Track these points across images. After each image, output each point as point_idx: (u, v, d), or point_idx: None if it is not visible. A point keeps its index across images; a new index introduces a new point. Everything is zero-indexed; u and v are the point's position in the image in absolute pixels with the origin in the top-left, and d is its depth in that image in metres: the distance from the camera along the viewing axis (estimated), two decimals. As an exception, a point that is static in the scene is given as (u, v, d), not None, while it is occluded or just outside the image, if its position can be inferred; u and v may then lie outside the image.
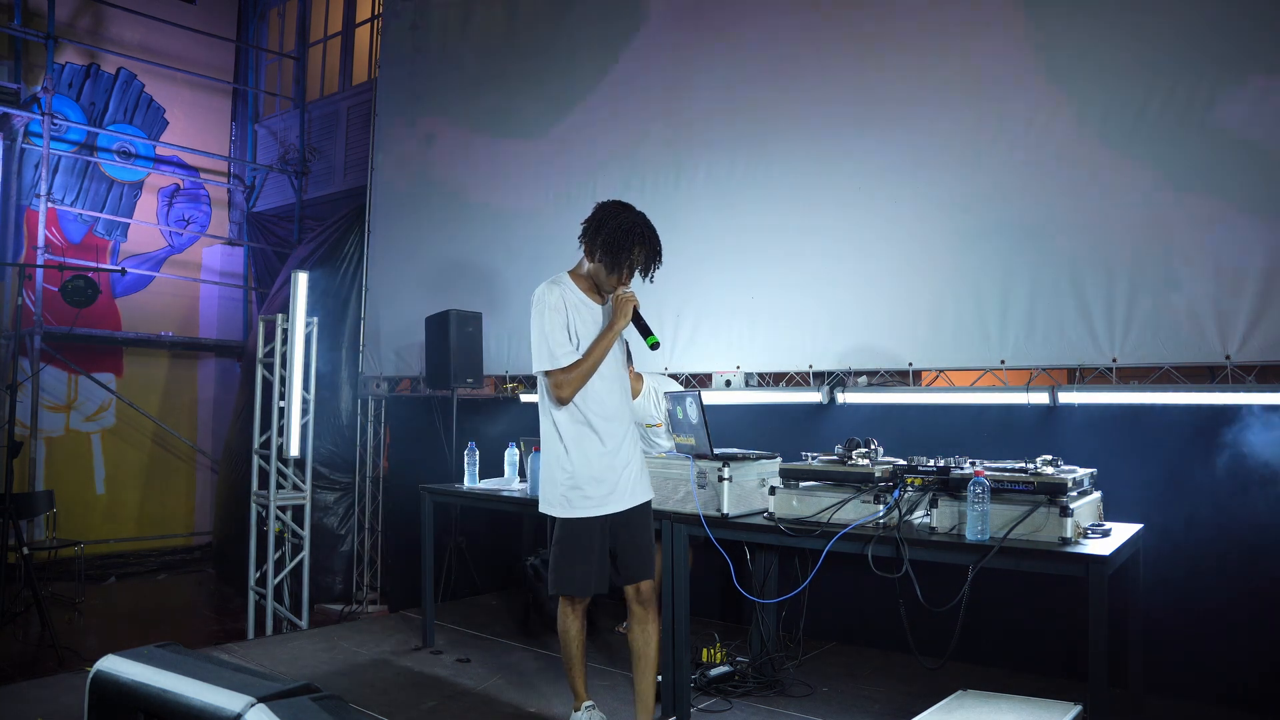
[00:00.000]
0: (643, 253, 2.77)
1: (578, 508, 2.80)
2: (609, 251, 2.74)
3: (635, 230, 2.75)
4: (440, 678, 3.82)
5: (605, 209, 2.82)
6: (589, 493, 2.80)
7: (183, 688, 1.38)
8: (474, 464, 4.30)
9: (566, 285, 2.85)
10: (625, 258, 2.75)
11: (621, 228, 2.74)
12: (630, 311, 2.81)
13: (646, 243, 2.77)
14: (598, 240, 2.76)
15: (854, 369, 4.20)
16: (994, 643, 3.71)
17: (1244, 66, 3.28)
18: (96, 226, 8.63)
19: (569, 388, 2.75)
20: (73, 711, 3.27)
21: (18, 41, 7.94)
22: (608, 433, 2.83)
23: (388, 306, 6.67)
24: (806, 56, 4.46)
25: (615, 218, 2.76)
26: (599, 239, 2.76)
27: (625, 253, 2.74)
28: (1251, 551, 3.24)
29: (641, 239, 2.76)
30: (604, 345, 2.79)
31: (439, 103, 6.43)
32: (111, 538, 8.27)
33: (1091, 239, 3.57)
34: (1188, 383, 3.39)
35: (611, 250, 2.74)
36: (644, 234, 2.77)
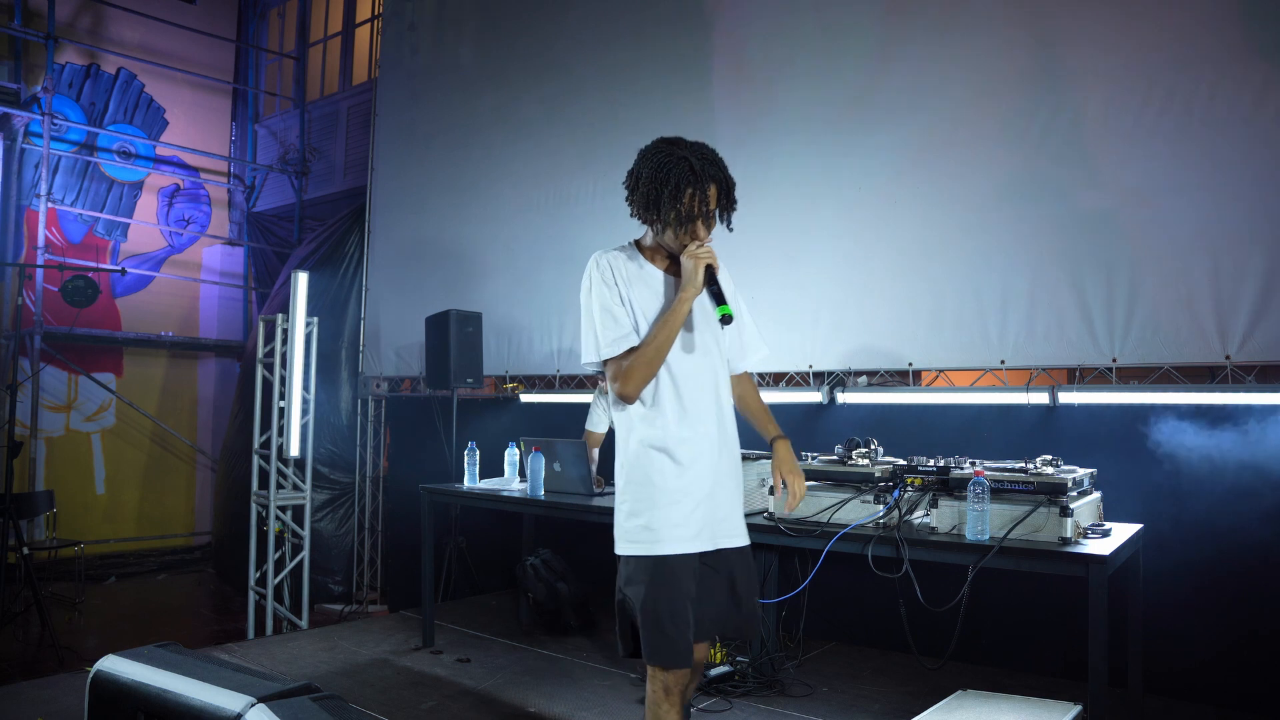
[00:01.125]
0: (698, 195, 2.06)
1: (664, 540, 2.08)
2: (651, 206, 2.08)
3: (678, 167, 2.05)
4: (440, 678, 3.81)
5: (642, 154, 2.15)
6: (677, 520, 2.08)
7: (183, 688, 1.38)
8: (474, 464, 4.30)
9: (626, 253, 2.20)
10: (671, 212, 2.06)
11: (660, 170, 2.05)
12: (701, 274, 2.08)
13: (701, 180, 2.05)
14: (638, 194, 2.11)
15: (854, 369, 4.20)
16: (994, 643, 3.71)
17: (1245, 63, 3.28)
18: (96, 226, 8.63)
19: (630, 381, 2.09)
20: (73, 711, 3.27)
21: (18, 41, 7.94)
22: (684, 444, 2.11)
23: (388, 306, 6.67)
24: (806, 57, 4.46)
25: (651, 161, 2.09)
26: (639, 195, 2.11)
27: (674, 201, 2.05)
28: (1251, 551, 3.24)
29: (691, 177, 2.04)
30: (670, 323, 2.08)
31: (439, 103, 6.43)
32: (111, 538, 8.27)
33: (1091, 239, 3.57)
34: (1188, 383, 3.40)
35: (655, 203, 2.07)
36: (694, 168, 2.05)
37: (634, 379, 2.09)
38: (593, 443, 4.43)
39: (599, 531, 4.76)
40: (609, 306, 2.14)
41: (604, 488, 3.94)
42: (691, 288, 2.09)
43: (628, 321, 2.13)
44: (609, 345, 2.13)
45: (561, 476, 3.92)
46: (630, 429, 2.15)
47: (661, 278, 2.20)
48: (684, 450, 2.11)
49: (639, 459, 2.12)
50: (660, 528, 2.08)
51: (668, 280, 2.19)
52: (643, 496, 2.11)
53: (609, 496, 3.68)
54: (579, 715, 3.35)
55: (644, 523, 2.09)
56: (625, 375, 2.09)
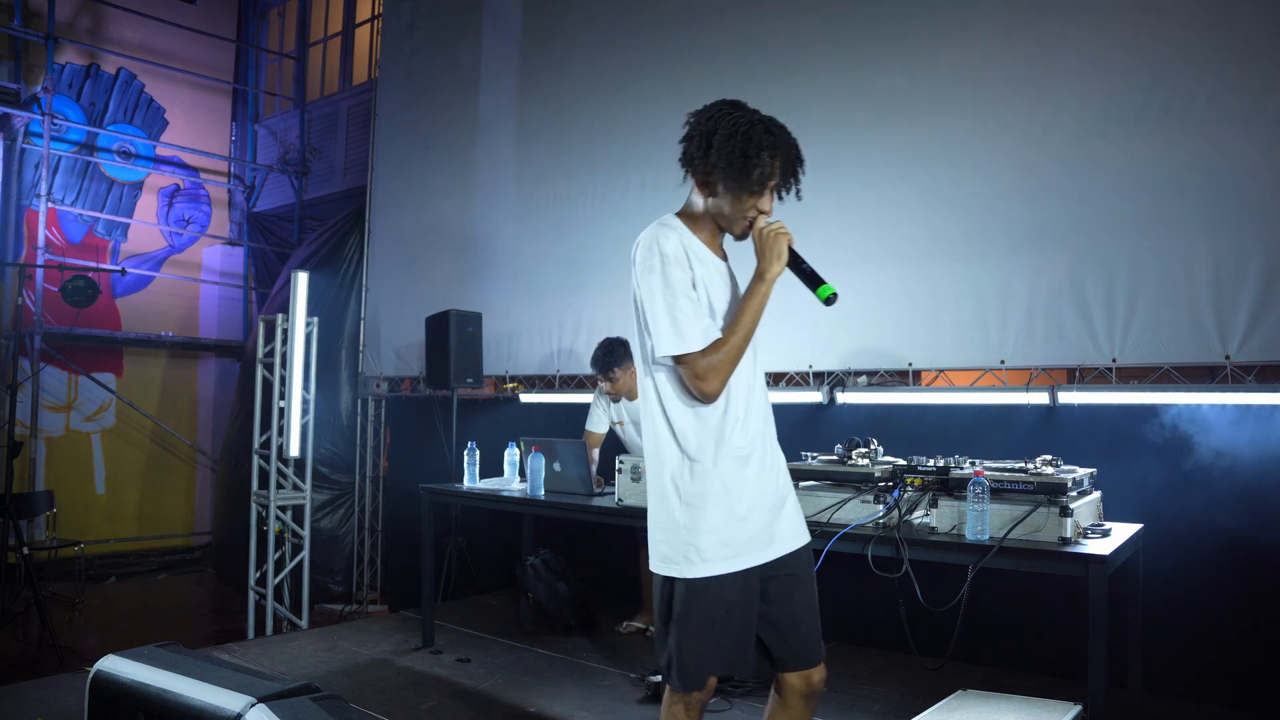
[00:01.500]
0: (778, 159, 1.88)
1: (710, 560, 1.86)
2: (734, 164, 1.84)
3: (755, 128, 1.86)
4: (440, 678, 3.81)
5: (709, 113, 1.94)
6: (727, 537, 1.87)
7: (183, 688, 1.38)
8: (474, 464, 4.30)
9: (681, 228, 1.94)
10: (756, 168, 1.85)
11: (741, 127, 1.86)
12: (785, 250, 1.91)
13: (781, 144, 1.88)
14: (712, 154, 1.86)
15: (854, 369, 4.20)
16: (994, 643, 3.71)
17: (1244, 64, 3.28)
18: (96, 226, 8.63)
19: (715, 377, 1.83)
20: (73, 711, 3.27)
21: (18, 41, 7.94)
22: (750, 445, 1.92)
23: (388, 307, 6.67)
24: (806, 57, 4.46)
25: (729, 117, 1.89)
26: (714, 152, 1.86)
27: (755, 161, 1.84)
28: (1251, 551, 3.24)
29: (769, 140, 1.86)
30: (757, 310, 1.89)
31: (439, 103, 6.43)
32: (111, 538, 8.27)
33: (1091, 239, 3.57)
34: (1188, 382, 3.40)
35: (737, 161, 1.84)
36: (773, 132, 1.88)
37: (720, 376, 1.83)
38: (593, 443, 4.43)
39: (599, 531, 4.78)
40: (688, 292, 1.85)
41: (604, 488, 3.94)
42: (777, 265, 1.89)
43: (706, 309, 1.88)
44: (695, 336, 1.83)
45: (561, 476, 3.92)
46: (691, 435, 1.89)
47: (718, 261, 1.97)
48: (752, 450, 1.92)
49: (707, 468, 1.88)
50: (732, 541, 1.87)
51: (720, 265, 1.98)
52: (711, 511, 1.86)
53: (609, 496, 3.68)
54: (579, 715, 3.35)
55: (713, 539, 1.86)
56: (712, 371, 1.82)
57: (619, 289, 5.13)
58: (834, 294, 1.91)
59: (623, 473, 3.49)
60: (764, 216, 1.93)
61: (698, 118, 1.94)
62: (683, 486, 1.88)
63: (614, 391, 4.35)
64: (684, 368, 1.84)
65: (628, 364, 4.32)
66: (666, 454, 1.91)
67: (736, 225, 1.94)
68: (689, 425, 1.88)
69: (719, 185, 1.89)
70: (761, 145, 1.84)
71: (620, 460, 3.52)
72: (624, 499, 3.48)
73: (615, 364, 4.26)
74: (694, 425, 1.88)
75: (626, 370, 4.31)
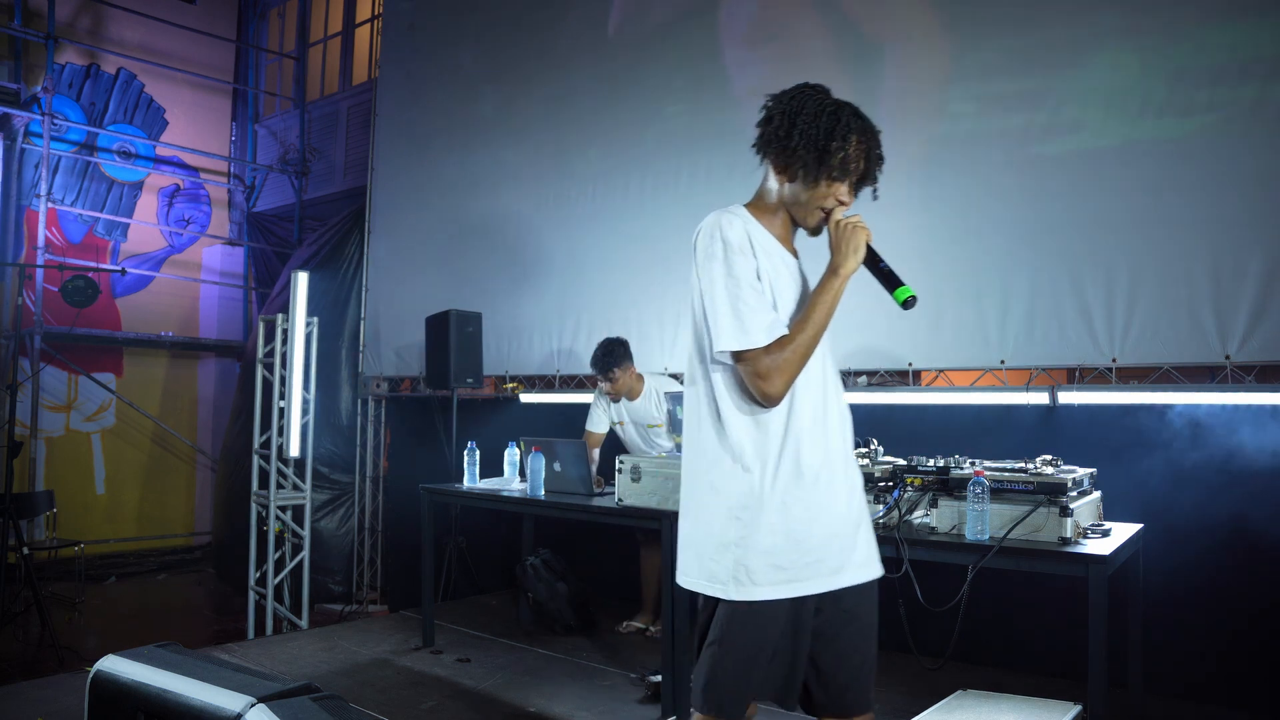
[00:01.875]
0: (864, 147, 1.74)
1: (761, 583, 1.67)
2: (818, 145, 1.70)
3: (842, 111, 1.73)
4: (440, 678, 3.82)
5: (792, 94, 1.78)
6: (781, 560, 1.68)
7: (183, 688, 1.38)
8: (474, 464, 4.30)
9: (747, 217, 1.79)
10: (839, 155, 1.71)
11: (828, 108, 1.73)
12: (863, 245, 1.77)
13: (869, 133, 1.75)
14: (794, 136, 1.72)
15: (854, 369, 4.20)
16: (994, 643, 3.71)
17: (1244, 64, 3.28)
18: (96, 226, 8.63)
19: (779, 377, 1.66)
20: (73, 712, 3.27)
21: (18, 41, 7.94)
22: (815, 456, 1.72)
23: (388, 306, 6.67)
24: (806, 57, 4.47)
25: (815, 98, 1.75)
26: (796, 133, 1.72)
27: (841, 145, 1.71)
28: (1251, 551, 3.24)
29: (861, 126, 1.73)
30: (829, 306, 1.72)
31: (439, 103, 6.43)
32: (111, 538, 8.27)
33: (1091, 239, 3.57)
34: (1187, 382, 3.40)
35: (822, 142, 1.70)
36: (861, 118, 1.75)
37: (787, 374, 1.66)
38: (593, 443, 4.44)
39: (599, 531, 4.78)
40: (753, 283, 1.69)
41: (604, 488, 3.94)
42: (852, 260, 1.74)
43: (771, 303, 1.71)
44: (759, 331, 1.66)
45: (561, 476, 3.92)
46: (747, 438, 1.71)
47: (787, 255, 1.81)
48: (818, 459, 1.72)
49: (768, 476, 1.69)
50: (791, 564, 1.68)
51: (790, 259, 1.82)
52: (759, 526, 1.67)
53: (609, 496, 3.68)
54: (579, 715, 3.35)
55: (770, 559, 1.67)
56: (776, 371, 1.65)
57: (619, 289, 5.16)
58: (913, 296, 1.74)
59: (623, 473, 3.49)
60: (842, 208, 1.78)
61: (778, 100, 1.79)
62: (733, 499, 1.69)
63: (614, 392, 4.36)
64: (745, 365, 1.67)
65: (627, 364, 4.32)
66: (714, 461, 1.72)
67: (812, 216, 1.78)
68: (747, 433, 1.70)
69: (798, 169, 1.74)
70: (849, 128, 1.71)
71: (620, 460, 3.52)
72: (624, 499, 3.48)
73: (615, 364, 4.26)
74: (753, 433, 1.70)
75: (626, 370, 4.31)
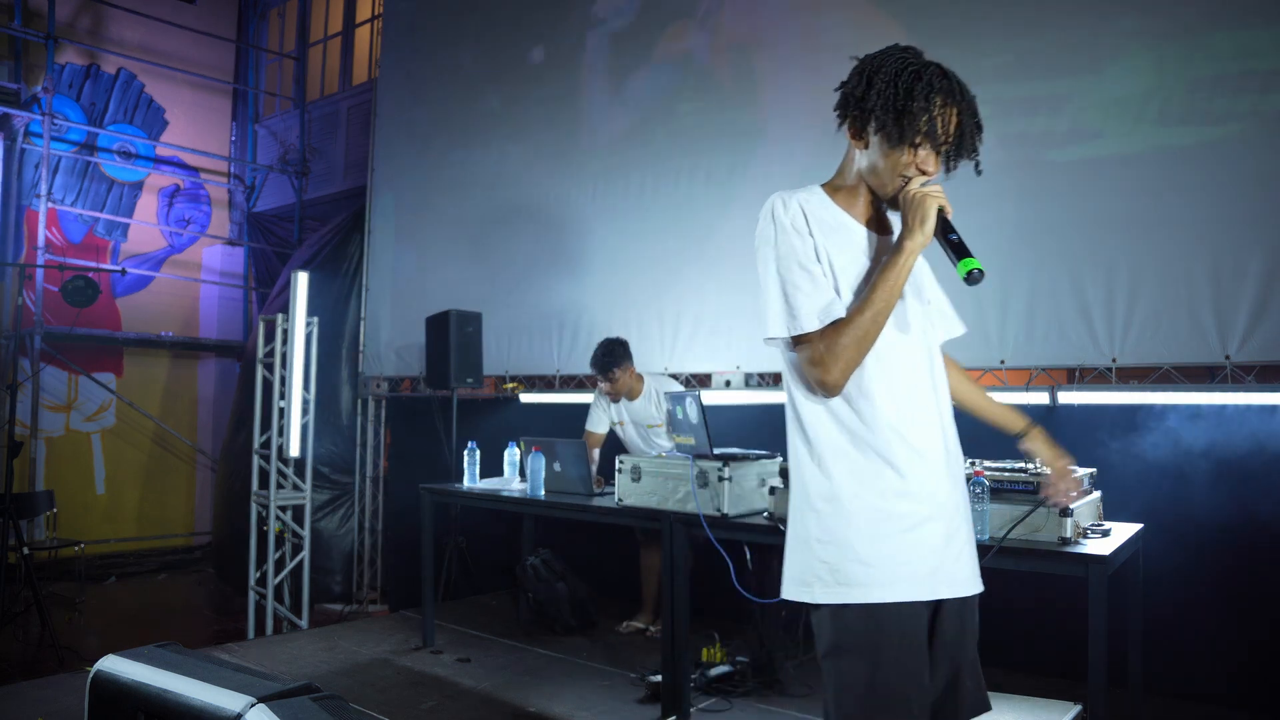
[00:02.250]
0: (949, 110, 1.55)
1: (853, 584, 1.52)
2: (895, 104, 1.53)
3: (935, 71, 1.55)
4: (440, 678, 3.82)
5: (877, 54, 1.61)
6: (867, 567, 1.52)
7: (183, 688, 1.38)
8: (474, 464, 4.30)
9: (816, 196, 1.64)
10: (921, 117, 1.52)
11: (912, 66, 1.54)
12: (933, 215, 1.56)
13: (958, 97, 1.55)
14: (871, 95, 1.56)
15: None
16: (994, 643, 3.70)
17: (1244, 64, 3.28)
18: (97, 226, 8.63)
19: (834, 365, 1.51)
20: (73, 712, 3.27)
21: (18, 41, 7.94)
22: (907, 454, 1.56)
23: (388, 306, 6.68)
24: (806, 58, 4.47)
25: (899, 57, 1.57)
26: (873, 92, 1.55)
27: (921, 106, 1.52)
28: (1251, 551, 3.24)
29: (945, 85, 1.54)
30: (893, 284, 1.54)
31: (439, 103, 6.43)
32: (111, 537, 8.27)
33: (1091, 239, 3.57)
34: (1187, 382, 3.40)
35: (900, 101, 1.52)
36: (949, 79, 1.55)
37: (843, 361, 1.51)
38: (593, 443, 4.43)
39: (599, 531, 4.78)
40: (805, 263, 1.56)
41: (604, 488, 3.94)
42: (920, 234, 1.54)
43: (829, 284, 1.56)
44: (810, 315, 1.53)
45: (561, 476, 3.92)
46: (820, 428, 1.57)
47: (865, 234, 1.63)
48: (907, 457, 1.55)
49: (843, 468, 1.55)
50: (879, 562, 1.51)
51: (871, 238, 1.64)
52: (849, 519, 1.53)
53: (609, 496, 3.68)
54: (579, 715, 3.35)
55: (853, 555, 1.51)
56: (832, 356, 1.50)
57: (619, 289, 5.16)
58: (977, 269, 1.54)
59: (623, 473, 3.49)
60: (919, 179, 1.58)
61: (862, 62, 1.62)
62: (815, 494, 1.57)
63: (614, 392, 4.35)
64: (799, 352, 1.55)
65: (627, 364, 4.32)
66: (799, 456, 1.61)
67: (891, 185, 1.59)
68: (821, 425, 1.57)
69: (875, 132, 1.57)
70: (933, 88, 1.52)
71: (620, 460, 3.52)
72: (624, 499, 3.48)
73: (615, 364, 4.26)
74: (826, 423, 1.57)
75: (626, 370, 4.31)
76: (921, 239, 1.55)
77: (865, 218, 1.65)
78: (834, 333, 1.52)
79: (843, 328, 1.51)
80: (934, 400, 1.62)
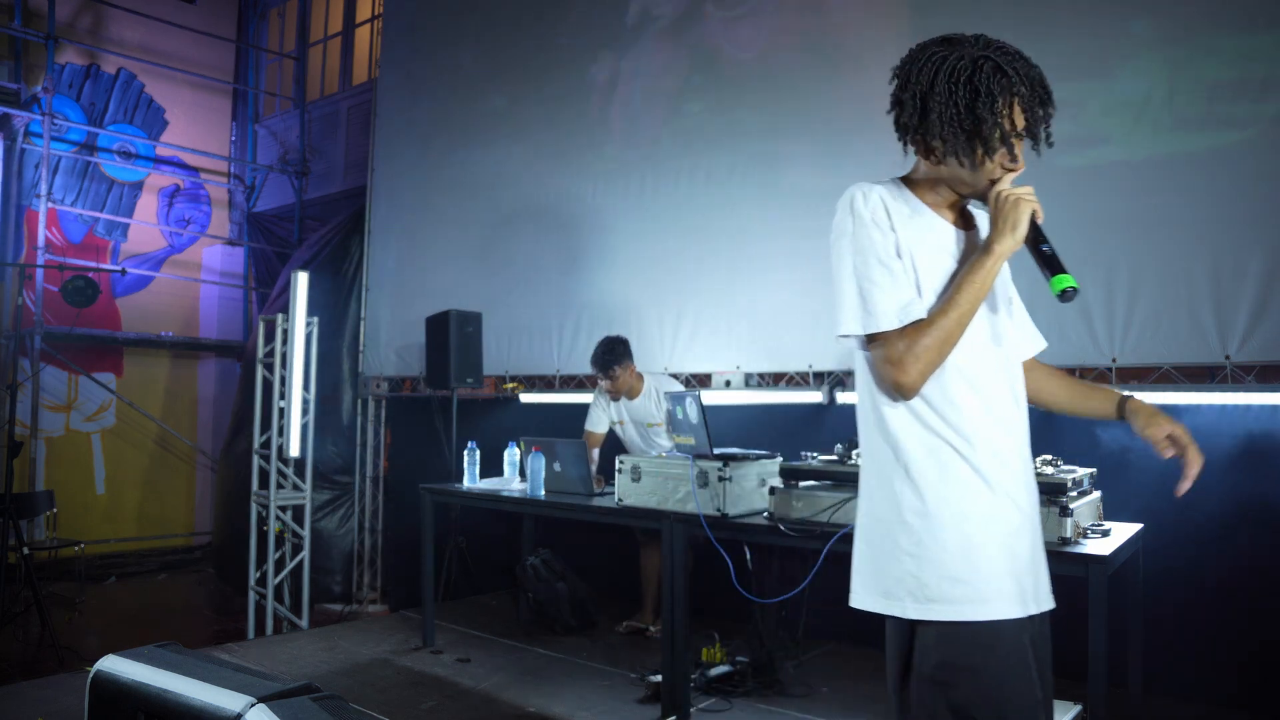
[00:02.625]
0: (1019, 102, 1.48)
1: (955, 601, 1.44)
2: (963, 127, 1.46)
3: (989, 66, 1.47)
4: (440, 678, 3.82)
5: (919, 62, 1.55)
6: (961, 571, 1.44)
7: (183, 688, 1.38)
8: (474, 464, 4.30)
9: (897, 189, 1.58)
10: (995, 128, 1.46)
11: (963, 74, 1.47)
12: (1026, 220, 1.50)
13: (1020, 83, 1.48)
14: (932, 119, 1.48)
15: (854, 369, 4.20)
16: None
17: (1245, 63, 3.28)
18: (97, 226, 8.63)
19: (913, 366, 1.44)
20: (73, 712, 3.27)
21: (18, 41, 7.94)
22: (994, 462, 1.49)
23: (388, 306, 6.68)
24: (807, 59, 4.47)
25: (946, 64, 1.50)
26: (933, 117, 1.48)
27: (990, 116, 1.45)
28: (1252, 551, 3.24)
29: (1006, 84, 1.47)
30: (978, 286, 1.47)
31: (439, 103, 6.43)
32: (112, 537, 8.26)
33: (1091, 239, 3.57)
34: (1188, 382, 3.40)
35: (966, 123, 1.45)
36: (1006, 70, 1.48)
37: (923, 363, 1.43)
38: (592, 443, 4.43)
39: (599, 531, 4.78)
40: (885, 259, 1.48)
41: (604, 488, 3.94)
42: (1009, 239, 1.48)
43: (910, 282, 1.48)
44: (889, 313, 1.45)
45: (561, 476, 3.92)
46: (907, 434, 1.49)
47: (950, 230, 1.56)
48: (995, 465, 1.47)
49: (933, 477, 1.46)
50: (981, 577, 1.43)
51: (956, 235, 1.56)
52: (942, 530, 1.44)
53: (609, 496, 3.68)
54: (579, 715, 3.36)
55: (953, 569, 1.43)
56: (912, 357, 1.43)
57: (619, 289, 5.16)
58: (1073, 287, 1.49)
59: (623, 473, 3.49)
60: (1009, 176, 1.53)
61: (905, 72, 1.55)
62: (904, 505, 1.47)
63: (614, 390, 4.36)
64: (874, 351, 1.48)
65: (628, 363, 4.32)
66: (880, 460, 1.52)
67: (975, 189, 1.56)
68: (908, 431, 1.49)
69: (948, 155, 1.50)
70: (994, 92, 1.45)
71: (620, 460, 3.52)
72: (624, 499, 3.48)
73: (615, 362, 4.26)
74: (914, 430, 1.48)
75: (627, 369, 4.31)
76: (1011, 244, 1.49)
77: (948, 212, 1.59)
78: (915, 333, 1.44)
79: (925, 328, 1.44)
80: (1015, 407, 1.56)
